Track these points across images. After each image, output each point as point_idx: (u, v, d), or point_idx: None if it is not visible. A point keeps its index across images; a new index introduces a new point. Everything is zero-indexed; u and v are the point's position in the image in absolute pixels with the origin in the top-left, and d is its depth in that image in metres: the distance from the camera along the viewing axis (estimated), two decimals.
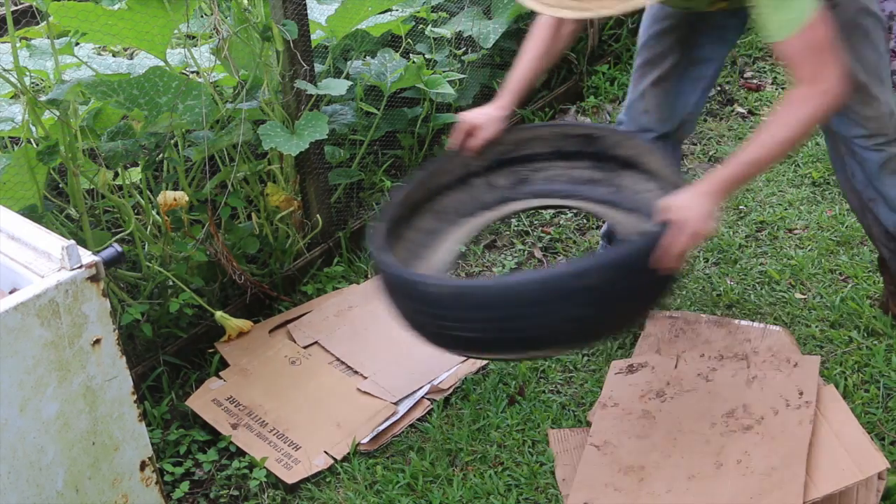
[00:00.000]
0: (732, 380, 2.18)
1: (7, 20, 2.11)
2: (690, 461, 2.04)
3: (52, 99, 2.15)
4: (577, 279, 1.81)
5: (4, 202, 2.09)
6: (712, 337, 2.40)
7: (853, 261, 2.76)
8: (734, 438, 2.06)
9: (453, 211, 2.29)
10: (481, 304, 1.82)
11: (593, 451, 2.09)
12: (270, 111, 2.56)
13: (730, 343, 2.38)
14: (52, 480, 1.56)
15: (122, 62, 2.60)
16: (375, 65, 2.97)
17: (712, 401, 2.15)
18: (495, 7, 3.50)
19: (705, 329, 2.46)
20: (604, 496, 2.00)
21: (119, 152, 2.26)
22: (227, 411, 2.37)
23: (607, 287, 1.82)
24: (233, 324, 2.55)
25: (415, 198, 2.20)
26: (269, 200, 2.68)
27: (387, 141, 3.28)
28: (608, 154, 2.26)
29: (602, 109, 3.74)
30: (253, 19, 2.47)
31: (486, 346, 1.92)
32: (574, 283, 1.81)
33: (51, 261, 1.51)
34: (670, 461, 2.05)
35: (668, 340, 2.43)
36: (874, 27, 2.12)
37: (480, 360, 2.42)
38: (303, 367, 2.48)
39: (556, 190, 2.32)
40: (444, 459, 2.24)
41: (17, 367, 1.44)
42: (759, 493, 1.91)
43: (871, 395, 2.30)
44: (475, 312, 1.82)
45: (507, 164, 2.31)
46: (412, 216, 2.20)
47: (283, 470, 2.23)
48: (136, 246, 2.47)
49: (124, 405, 1.62)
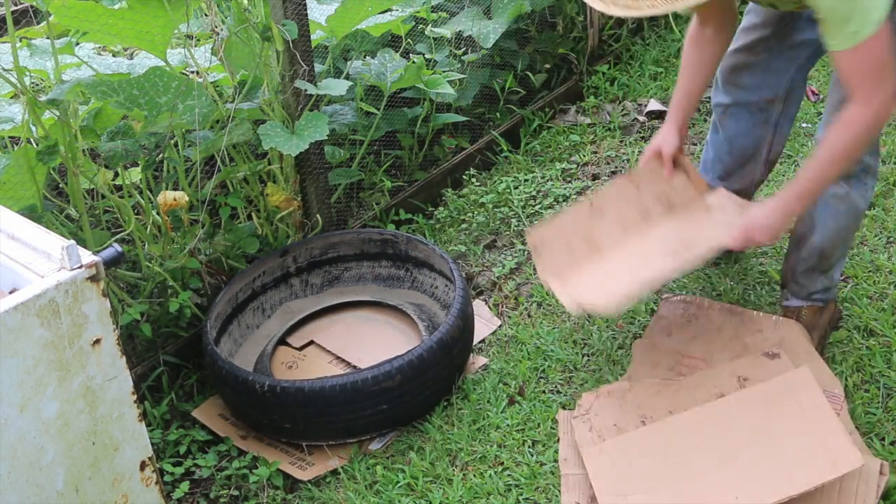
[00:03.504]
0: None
1: (7, 20, 2.10)
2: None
3: (52, 99, 2.15)
4: (374, 383, 2.18)
5: (4, 202, 2.09)
6: (725, 325, 2.41)
7: (853, 261, 2.76)
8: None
9: (270, 307, 2.69)
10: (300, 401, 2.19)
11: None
12: (270, 111, 2.56)
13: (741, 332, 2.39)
14: (52, 480, 1.56)
15: (122, 62, 2.59)
16: (375, 65, 2.97)
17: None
18: (495, 7, 3.50)
19: (718, 316, 2.47)
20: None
21: (119, 152, 2.26)
22: (235, 425, 2.38)
23: (404, 386, 2.22)
24: None
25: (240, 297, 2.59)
26: (269, 200, 2.68)
27: (387, 141, 3.28)
28: (404, 255, 2.73)
29: (602, 109, 3.74)
30: (253, 19, 2.47)
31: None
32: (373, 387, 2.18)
33: (51, 261, 1.51)
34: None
35: (680, 324, 2.44)
36: None
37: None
38: (300, 370, 2.48)
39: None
40: (444, 459, 2.24)
41: (17, 367, 1.44)
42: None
43: (871, 395, 2.30)
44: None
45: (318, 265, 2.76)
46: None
47: (298, 471, 2.23)
48: (136, 246, 2.47)
49: (124, 405, 1.62)
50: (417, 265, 2.74)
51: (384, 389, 2.19)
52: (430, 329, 2.48)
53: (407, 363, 2.21)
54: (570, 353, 2.53)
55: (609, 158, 3.45)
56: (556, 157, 3.47)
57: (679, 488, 1.96)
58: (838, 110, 2.02)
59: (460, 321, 2.35)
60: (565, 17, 3.87)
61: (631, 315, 2.64)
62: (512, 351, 2.57)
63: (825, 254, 2.35)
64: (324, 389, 2.16)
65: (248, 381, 2.20)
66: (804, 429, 1.98)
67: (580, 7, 3.88)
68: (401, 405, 2.25)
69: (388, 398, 2.21)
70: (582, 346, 2.57)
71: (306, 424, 2.23)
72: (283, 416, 2.22)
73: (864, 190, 2.26)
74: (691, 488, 1.96)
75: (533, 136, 3.61)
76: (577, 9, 3.88)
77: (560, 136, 3.59)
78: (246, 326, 2.62)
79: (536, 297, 2.77)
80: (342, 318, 2.66)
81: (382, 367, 2.19)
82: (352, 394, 2.17)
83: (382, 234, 2.75)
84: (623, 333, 2.58)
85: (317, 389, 2.16)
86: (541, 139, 3.59)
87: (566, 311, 2.69)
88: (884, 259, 2.75)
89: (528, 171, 3.39)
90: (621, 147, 3.50)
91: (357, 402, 2.18)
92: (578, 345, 2.57)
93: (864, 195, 2.28)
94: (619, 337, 2.57)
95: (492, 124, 3.60)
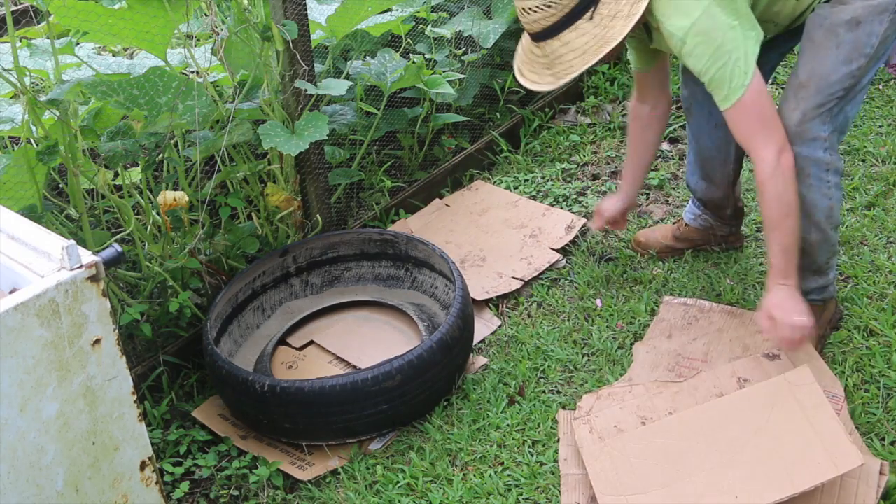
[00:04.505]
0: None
1: (7, 20, 2.10)
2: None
3: (52, 99, 2.15)
4: (374, 383, 2.18)
5: (4, 202, 2.09)
6: (725, 326, 2.41)
7: (853, 261, 2.76)
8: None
9: (270, 307, 2.70)
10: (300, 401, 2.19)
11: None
12: (270, 111, 2.56)
13: (741, 334, 2.39)
14: (52, 480, 1.55)
15: (122, 62, 2.59)
16: (375, 65, 2.97)
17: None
18: (495, 7, 3.50)
19: (718, 318, 2.47)
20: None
21: (119, 152, 2.26)
22: (235, 425, 2.38)
23: (404, 386, 2.22)
24: None
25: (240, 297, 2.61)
26: (269, 200, 2.68)
27: (387, 141, 3.28)
28: (404, 255, 2.75)
29: (602, 109, 3.74)
30: (253, 19, 2.47)
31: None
32: (372, 387, 2.18)
33: (51, 261, 1.51)
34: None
35: (680, 327, 2.44)
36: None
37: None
38: (300, 370, 2.48)
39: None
40: (444, 459, 2.24)
41: (17, 367, 1.44)
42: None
43: (871, 395, 2.30)
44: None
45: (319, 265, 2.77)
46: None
47: (298, 471, 2.23)
48: (136, 246, 2.47)
49: (124, 405, 1.62)
50: (417, 265, 2.74)
51: (384, 389, 2.19)
52: (430, 329, 2.48)
53: (407, 363, 2.21)
54: (570, 353, 2.53)
55: (609, 158, 3.45)
56: (557, 157, 3.47)
57: (678, 488, 1.96)
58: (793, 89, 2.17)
59: (460, 321, 2.35)
60: None
61: (631, 315, 2.64)
62: (512, 351, 2.57)
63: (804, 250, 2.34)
64: (324, 389, 2.16)
65: (248, 381, 2.20)
66: (804, 428, 1.98)
67: None
68: (401, 405, 2.25)
69: (388, 398, 2.21)
70: (582, 346, 2.57)
71: (306, 424, 2.23)
72: (283, 416, 2.22)
73: (825, 187, 2.24)
74: (691, 488, 1.96)
75: (533, 136, 3.61)
76: None
77: (560, 136, 3.59)
78: (246, 326, 2.62)
79: (536, 297, 2.77)
80: (342, 318, 2.66)
81: (382, 367, 2.19)
82: (352, 394, 2.17)
83: (382, 234, 2.75)
84: (623, 333, 2.58)
85: (317, 389, 2.16)
86: (541, 139, 3.59)
87: (566, 311, 2.70)
88: (884, 259, 2.75)
89: (528, 171, 3.39)
90: (621, 147, 3.50)
91: (357, 402, 2.19)
92: (578, 345, 2.57)
93: (826, 192, 2.25)
94: (619, 337, 2.57)
95: (492, 124, 3.60)
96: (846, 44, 2.12)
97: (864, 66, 2.14)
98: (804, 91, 2.16)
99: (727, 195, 2.73)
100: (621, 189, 2.74)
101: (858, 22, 2.10)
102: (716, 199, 2.74)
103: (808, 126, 2.17)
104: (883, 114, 3.57)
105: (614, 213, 2.70)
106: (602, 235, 3.00)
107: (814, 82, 2.15)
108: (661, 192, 3.23)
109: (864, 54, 2.13)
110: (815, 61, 2.15)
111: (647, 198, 3.19)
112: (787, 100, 2.19)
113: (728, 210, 2.76)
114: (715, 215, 2.78)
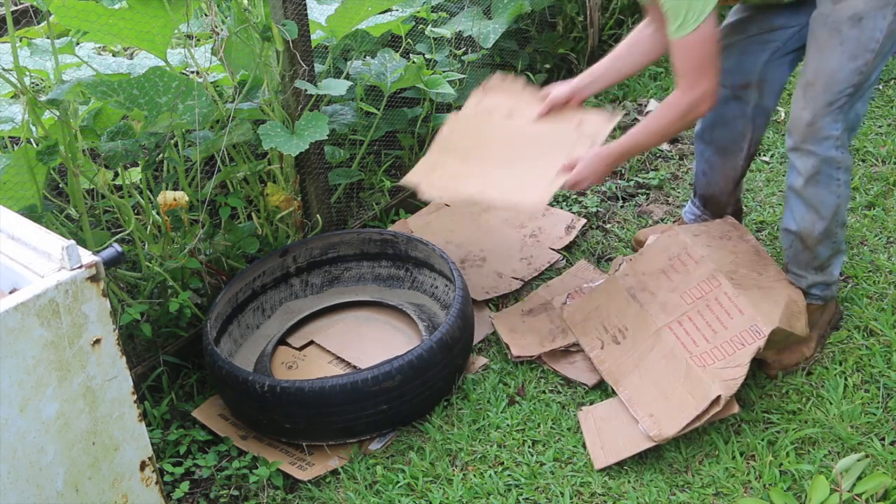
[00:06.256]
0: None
1: (7, 20, 2.10)
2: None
3: (52, 99, 2.15)
4: (374, 383, 2.18)
5: (4, 202, 2.09)
6: None
7: (853, 261, 2.76)
8: None
9: (270, 307, 2.71)
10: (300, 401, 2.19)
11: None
12: (270, 111, 2.56)
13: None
14: (52, 480, 1.56)
15: (123, 62, 2.59)
16: (375, 65, 2.97)
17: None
18: (495, 7, 3.50)
19: None
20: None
21: (119, 152, 2.26)
22: (235, 425, 2.38)
23: (404, 386, 2.23)
24: None
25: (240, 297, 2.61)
26: (269, 200, 2.68)
27: (387, 141, 3.28)
28: (404, 255, 2.76)
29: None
30: (253, 19, 2.47)
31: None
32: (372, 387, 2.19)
33: (51, 261, 1.51)
34: None
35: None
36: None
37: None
38: (300, 370, 2.48)
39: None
40: (444, 459, 2.24)
41: (17, 367, 1.44)
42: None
43: (871, 395, 2.30)
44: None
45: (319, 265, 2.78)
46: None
47: (298, 471, 2.23)
48: (136, 246, 2.47)
49: (124, 405, 1.62)
50: (417, 265, 2.74)
51: (384, 389, 2.19)
52: (430, 329, 2.48)
53: (407, 363, 2.21)
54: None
55: None
56: None
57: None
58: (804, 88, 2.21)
59: (460, 321, 2.35)
60: (565, 17, 3.87)
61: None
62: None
63: (806, 244, 2.35)
64: (324, 389, 2.16)
65: (248, 381, 2.20)
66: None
67: (580, 7, 3.88)
68: (401, 405, 2.25)
69: (388, 398, 2.21)
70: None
71: (306, 424, 2.23)
72: (283, 416, 2.22)
73: (834, 185, 2.25)
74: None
75: None
76: (577, 9, 3.88)
77: None
78: (246, 326, 2.62)
79: None
80: (342, 318, 2.66)
81: (382, 367, 2.19)
82: (352, 394, 2.17)
83: (382, 234, 2.75)
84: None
85: (317, 389, 2.16)
86: None
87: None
88: (884, 259, 2.75)
89: None
90: None
91: (357, 402, 2.19)
92: None
93: (835, 190, 2.26)
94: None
95: None
96: (850, 41, 2.12)
97: (871, 61, 2.14)
98: (812, 90, 2.16)
99: (730, 192, 2.72)
100: (576, 78, 2.62)
101: (861, 18, 2.10)
102: (718, 196, 2.73)
103: (820, 125, 2.16)
104: (883, 114, 3.57)
105: (558, 96, 2.59)
106: (602, 235, 3.00)
107: (821, 81, 2.15)
108: (661, 192, 3.23)
109: (869, 50, 2.12)
110: (820, 60, 2.15)
111: (647, 198, 3.20)
112: (797, 99, 2.19)
113: (728, 209, 2.76)
114: (715, 215, 2.78)
